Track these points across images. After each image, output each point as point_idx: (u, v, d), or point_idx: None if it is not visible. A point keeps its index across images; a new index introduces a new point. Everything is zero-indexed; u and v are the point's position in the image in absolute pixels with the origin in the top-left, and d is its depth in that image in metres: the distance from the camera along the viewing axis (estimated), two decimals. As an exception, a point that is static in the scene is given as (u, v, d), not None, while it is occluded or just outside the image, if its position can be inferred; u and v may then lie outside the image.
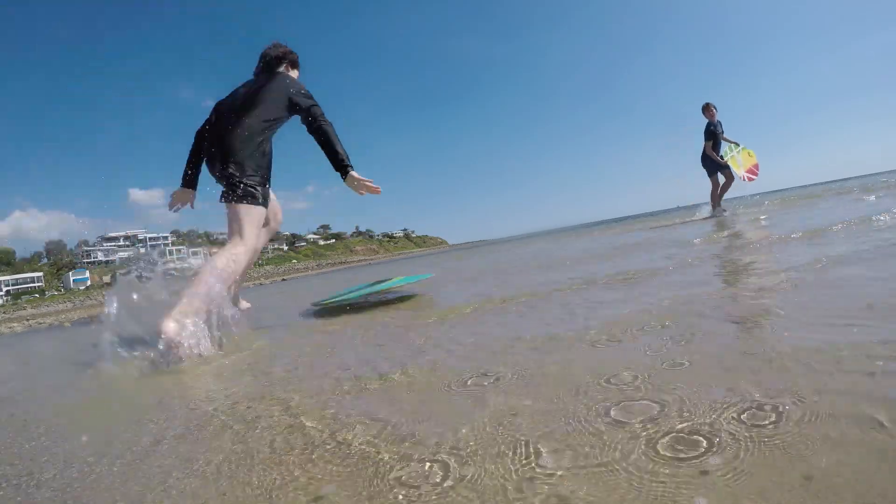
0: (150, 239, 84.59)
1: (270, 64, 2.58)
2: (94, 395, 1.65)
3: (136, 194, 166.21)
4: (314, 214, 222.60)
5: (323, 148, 2.41)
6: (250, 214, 2.25)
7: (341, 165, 2.39)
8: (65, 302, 49.79)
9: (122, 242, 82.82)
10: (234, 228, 2.23)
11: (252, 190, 2.26)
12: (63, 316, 15.73)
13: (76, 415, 1.41)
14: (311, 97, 2.43)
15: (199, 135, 2.52)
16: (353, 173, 2.39)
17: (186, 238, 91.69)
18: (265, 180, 2.35)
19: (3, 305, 55.54)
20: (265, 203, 2.34)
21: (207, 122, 2.46)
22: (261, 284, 18.34)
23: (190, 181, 2.59)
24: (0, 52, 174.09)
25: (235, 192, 2.23)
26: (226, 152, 2.26)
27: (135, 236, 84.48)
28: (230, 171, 2.24)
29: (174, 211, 2.71)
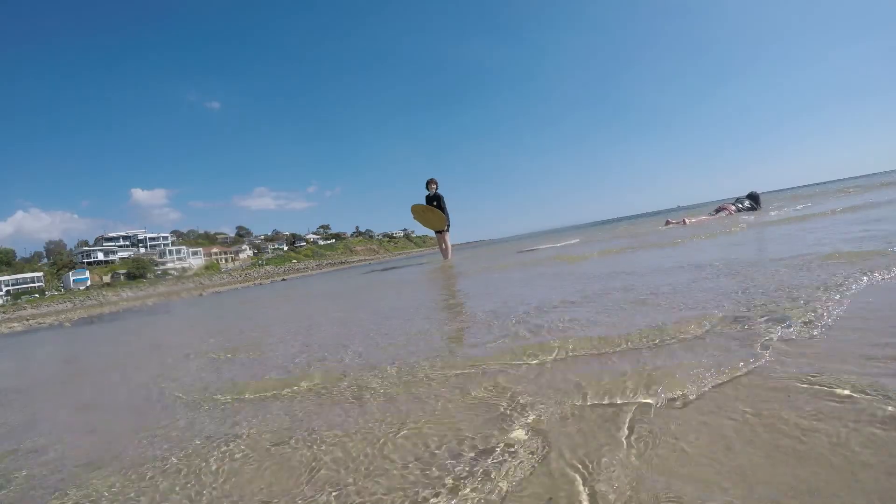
0: (151, 239, 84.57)
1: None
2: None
3: (139, 194, 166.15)
4: (314, 214, 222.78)
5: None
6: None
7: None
8: (65, 302, 49.77)
9: (121, 242, 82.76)
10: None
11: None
12: (63, 316, 15.71)
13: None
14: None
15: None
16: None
17: (186, 238, 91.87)
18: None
19: (3, 305, 55.52)
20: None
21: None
22: (260, 284, 18.34)
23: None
24: (3, 51, 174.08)
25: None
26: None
27: (135, 236, 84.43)
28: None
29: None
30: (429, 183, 9.00)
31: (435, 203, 8.91)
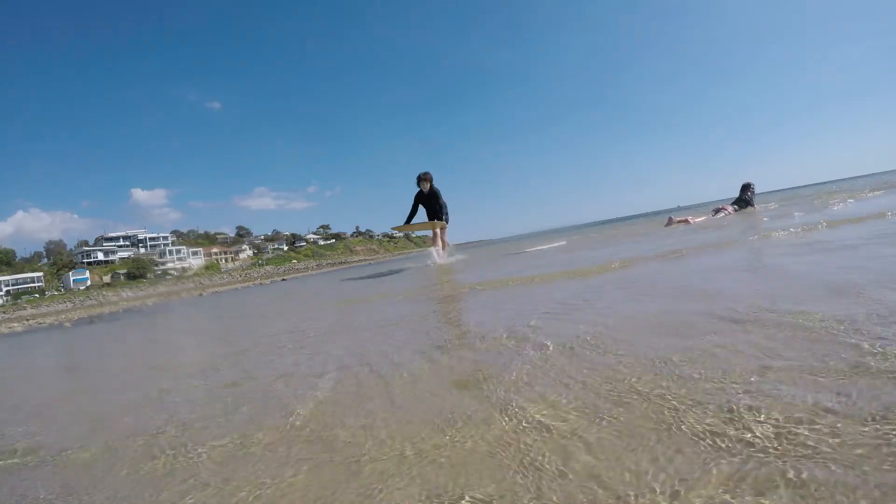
0: (151, 239, 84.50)
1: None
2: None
3: (139, 194, 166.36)
4: (314, 214, 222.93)
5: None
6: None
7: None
8: (65, 302, 49.73)
9: (121, 242, 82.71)
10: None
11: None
12: (63, 316, 15.70)
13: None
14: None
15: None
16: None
17: (186, 238, 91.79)
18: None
19: (3, 305, 55.49)
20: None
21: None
22: (261, 284, 18.33)
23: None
24: (3, 51, 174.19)
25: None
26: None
27: (135, 236, 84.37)
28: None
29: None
30: (420, 179, 7.39)
31: (434, 202, 7.46)
